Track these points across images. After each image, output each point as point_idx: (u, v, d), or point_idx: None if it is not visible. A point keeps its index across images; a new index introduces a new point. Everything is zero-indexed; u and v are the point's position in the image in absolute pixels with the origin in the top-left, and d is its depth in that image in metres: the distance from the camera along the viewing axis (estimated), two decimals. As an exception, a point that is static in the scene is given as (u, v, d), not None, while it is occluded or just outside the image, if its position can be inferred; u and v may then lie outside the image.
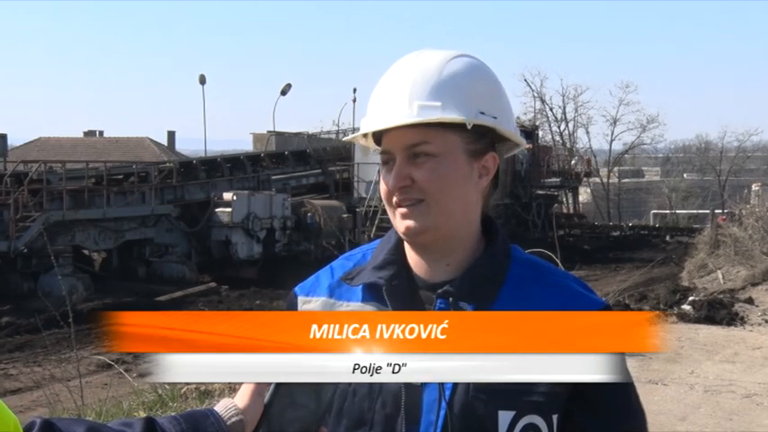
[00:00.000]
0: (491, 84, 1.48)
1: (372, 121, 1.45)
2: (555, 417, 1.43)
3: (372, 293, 1.48)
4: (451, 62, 1.44)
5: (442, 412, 1.39)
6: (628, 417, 1.49)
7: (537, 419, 1.41)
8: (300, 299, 1.56)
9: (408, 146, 1.42)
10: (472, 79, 1.44)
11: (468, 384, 1.39)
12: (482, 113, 1.43)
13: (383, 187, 1.47)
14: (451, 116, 1.40)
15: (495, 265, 1.48)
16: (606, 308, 1.48)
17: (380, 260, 1.51)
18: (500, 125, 1.45)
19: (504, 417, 1.39)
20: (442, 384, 1.39)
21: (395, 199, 1.44)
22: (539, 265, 1.53)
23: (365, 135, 1.50)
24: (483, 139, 1.46)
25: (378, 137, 1.48)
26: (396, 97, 1.42)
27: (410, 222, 1.43)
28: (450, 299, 1.42)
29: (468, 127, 1.41)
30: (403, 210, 1.44)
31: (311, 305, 1.53)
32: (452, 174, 1.43)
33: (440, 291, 1.44)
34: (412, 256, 1.51)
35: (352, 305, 1.49)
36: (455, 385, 1.39)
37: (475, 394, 1.39)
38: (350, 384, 1.43)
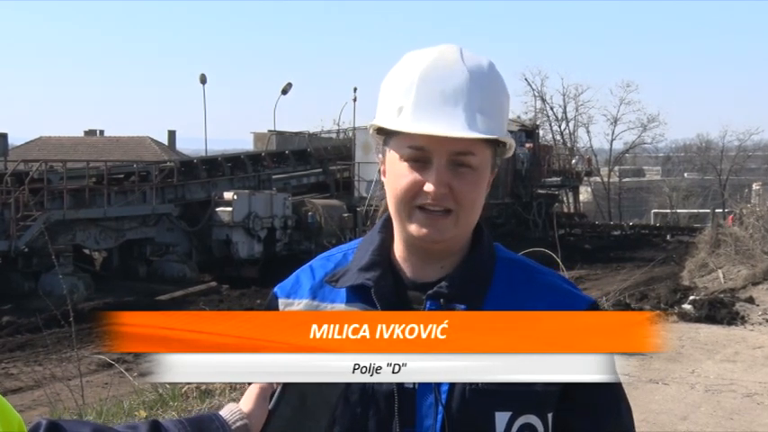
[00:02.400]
0: (509, 100, 1.50)
1: (424, 124, 1.37)
2: (550, 415, 1.43)
3: (358, 295, 1.46)
4: (492, 72, 1.44)
5: (440, 416, 1.38)
6: (615, 414, 1.49)
7: (533, 419, 1.41)
8: (281, 301, 1.54)
9: (455, 153, 1.38)
10: (506, 96, 1.47)
11: (463, 387, 1.38)
12: (507, 131, 1.47)
13: (405, 184, 1.40)
14: (504, 135, 1.43)
15: (483, 265, 1.48)
16: (593, 305, 1.49)
17: (366, 261, 1.48)
18: (512, 142, 1.48)
19: (501, 418, 1.39)
20: (437, 388, 1.39)
21: (421, 201, 1.40)
22: (525, 263, 1.53)
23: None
24: (495, 154, 1.48)
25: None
26: (452, 101, 1.37)
27: (430, 230, 1.41)
28: (442, 300, 1.42)
29: (508, 148, 1.45)
30: (426, 216, 1.40)
31: (293, 308, 1.51)
32: (483, 187, 1.45)
33: (430, 292, 1.43)
34: (402, 257, 1.49)
35: (337, 307, 1.47)
36: (451, 389, 1.39)
37: (471, 397, 1.38)
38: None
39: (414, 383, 1.39)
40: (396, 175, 1.42)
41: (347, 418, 1.42)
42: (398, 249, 1.50)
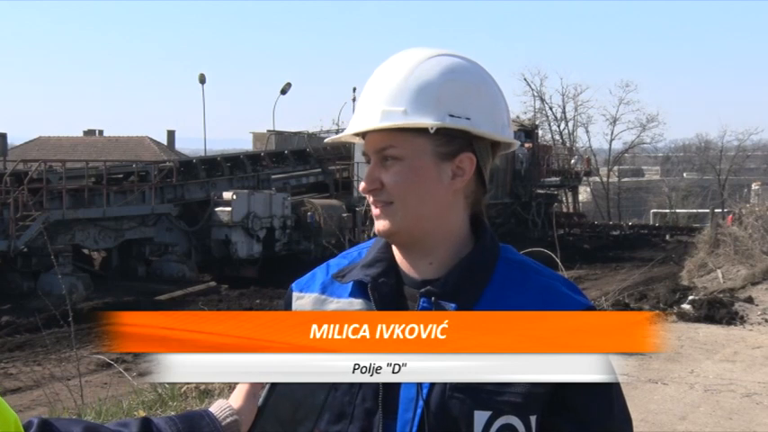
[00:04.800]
0: (467, 84, 1.46)
1: (348, 127, 1.51)
2: (533, 418, 1.42)
3: (360, 290, 1.50)
4: (425, 63, 1.44)
5: (419, 411, 1.39)
6: (607, 418, 1.47)
7: (514, 420, 1.40)
8: (295, 294, 1.59)
9: (378, 149, 1.46)
10: (444, 81, 1.44)
11: (445, 384, 1.39)
12: (452, 116, 1.42)
13: (361, 186, 1.52)
14: (413, 121, 1.41)
15: (480, 264, 1.48)
16: (590, 309, 1.47)
17: (370, 258, 1.53)
18: (473, 126, 1.44)
19: (480, 417, 1.39)
20: (419, 383, 1.39)
21: (370, 199, 1.49)
22: (526, 265, 1.52)
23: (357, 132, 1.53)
24: (456, 140, 1.45)
25: (364, 135, 1.52)
26: (367, 102, 1.46)
27: (381, 223, 1.48)
28: (433, 298, 1.43)
29: (431, 131, 1.41)
30: (376, 211, 1.48)
31: (302, 301, 1.56)
32: (418, 176, 1.44)
33: (422, 290, 1.44)
34: (398, 255, 1.53)
35: (342, 302, 1.51)
36: (432, 384, 1.40)
37: (451, 394, 1.39)
38: None
39: None
40: None
41: (336, 406, 1.45)
42: (394, 247, 1.54)
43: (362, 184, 1.50)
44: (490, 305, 1.42)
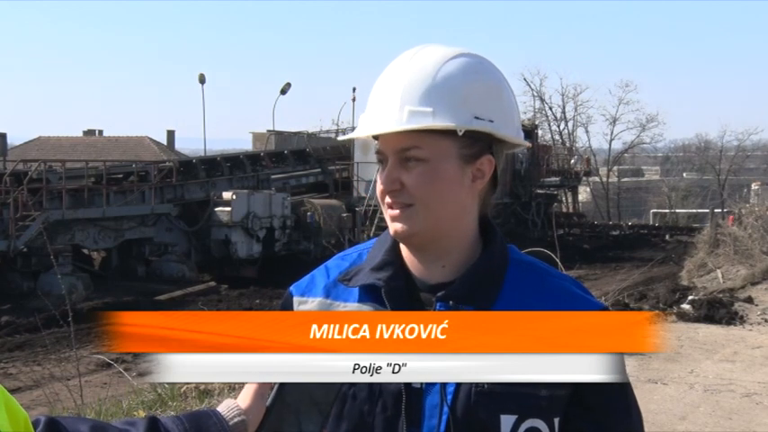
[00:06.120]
0: (489, 85, 1.44)
1: (366, 124, 1.44)
2: (556, 420, 1.42)
3: (370, 294, 1.47)
4: (448, 63, 1.41)
5: (444, 417, 1.38)
6: (625, 418, 1.48)
7: (539, 423, 1.40)
8: (296, 299, 1.55)
9: (399, 150, 1.41)
10: (468, 82, 1.41)
11: (469, 389, 1.38)
12: (477, 118, 1.40)
13: (378, 187, 1.47)
14: (442, 123, 1.38)
15: (493, 267, 1.47)
16: (604, 311, 1.47)
17: (378, 261, 1.49)
18: (496, 129, 1.42)
19: (507, 421, 1.39)
20: (444, 388, 1.38)
21: (387, 200, 1.44)
22: (537, 266, 1.52)
23: None
24: (478, 142, 1.43)
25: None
26: (389, 100, 1.40)
27: (400, 226, 1.43)
28: (451, 302, 1.41)
29: (460, 134, 1.39)
30: (393, 212, 1.44)
31: (307, 306, 1.52)
32: (442, 179, 1.41)
33: (439, 294, 1.43)
34: (408, 257, 1.50)
35: (350, 306, 1.48)
36: (457, 390, 1.38)
37: (477, 399, 1.38)
38: (350, 387, 1.42)
39: (421, 383, 1.39)
40: (377, 179, 1.48)
41: (355, 415, 1.43)
42: (404, 250, 1.51)
43: (380, 186, 1.45)
44: (506, 307, 1.41)
